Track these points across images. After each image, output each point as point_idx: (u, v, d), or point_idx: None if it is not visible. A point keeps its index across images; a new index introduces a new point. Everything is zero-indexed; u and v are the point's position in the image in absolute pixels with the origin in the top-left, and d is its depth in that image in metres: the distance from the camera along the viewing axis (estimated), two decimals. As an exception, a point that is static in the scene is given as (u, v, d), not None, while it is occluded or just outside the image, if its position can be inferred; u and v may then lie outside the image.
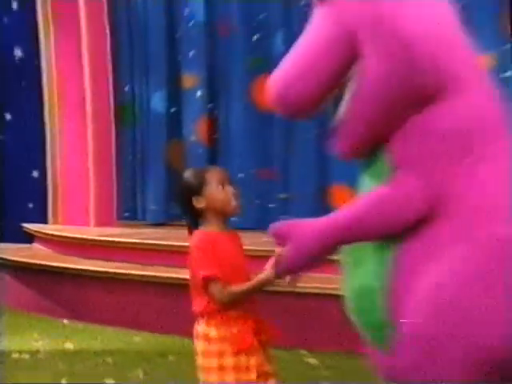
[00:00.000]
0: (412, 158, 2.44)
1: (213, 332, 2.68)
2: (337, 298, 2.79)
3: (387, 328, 2.46)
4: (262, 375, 2.69)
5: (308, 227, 2.52)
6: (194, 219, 2.77)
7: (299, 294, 4.98)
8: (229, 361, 2.65)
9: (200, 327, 2.73)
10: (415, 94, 2.40)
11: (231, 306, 2.68)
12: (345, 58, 2.44)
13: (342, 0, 2.46)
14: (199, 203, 2.71)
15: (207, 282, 2.65)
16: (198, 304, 2.73)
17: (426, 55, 2.37)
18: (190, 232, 2.79)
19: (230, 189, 2.74)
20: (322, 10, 2.49)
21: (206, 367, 2.70)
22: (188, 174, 2.80)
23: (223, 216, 2.76)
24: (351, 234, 2.48)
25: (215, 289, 2.64)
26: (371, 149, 2.54)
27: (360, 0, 2.44)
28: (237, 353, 2.64)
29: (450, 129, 2.43)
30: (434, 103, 2.42)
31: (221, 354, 2.65)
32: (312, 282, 4.94)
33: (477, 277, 2.34)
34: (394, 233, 2.44)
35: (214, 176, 2.74)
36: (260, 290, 2.68)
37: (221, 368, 2.65)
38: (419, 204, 2.42)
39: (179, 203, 2.87)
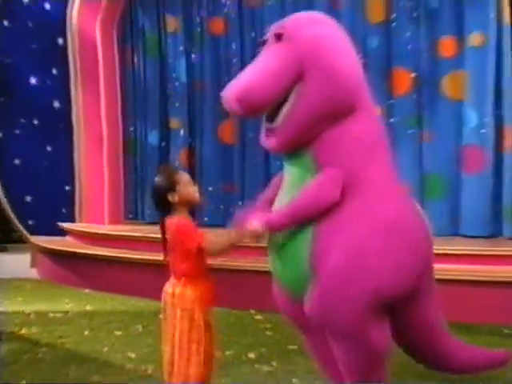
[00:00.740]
0: (331, 158, 2.49)
1: (188, 292, 2.61)
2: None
3: (309, 281, 2.49)
4: (207, 325, 2.64)
5: (273, 214, 2.55)
6: (167, 211, 2.64)
7: (249, 271, 5.12)
8: (198, 315, 2.60)
9: (177, 289, 2.63)
10: (337, 109, 2.47)
11: (219, 255, 2.62)
12: (292, 78, 2.45)
13: (295, 39, 2.48)
14: (173, 198, 2.59)
15: (202, 246, 2.54)
16: (183, 268, 2.62)
17: (346, 84, 2.47)
18: (162, 222, 2.66)
19: (194, 186, 2.68)
20: (279, 43, 2.50)
21: (180, 317, 2.61)
22: (161, 177, 2.66)
23: (190, 207, 2.66)
24: (301, 216, 2.47)
25: (210, 246, 2.56)
26: (298, 147, 2.54)
27: (307, 41, 2.48)
28: (202, 309, 2.61)
29: (356, 136, 2.52)
30: (346, 118, 2.49)
31: (192, 310, 2.60)
32: (259, 263, 5.14)
33: (370, 239, 2.43)
34: (326, 210, 2.47)
35: (182, 177, 2.65)
36: (234, 244, 2.56)
37: (192, 319, 2.60)
38: (338, 191, 2.45)
39: (155, 200, 2.68)
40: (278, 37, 2.51)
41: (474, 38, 5.74)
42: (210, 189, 6.77)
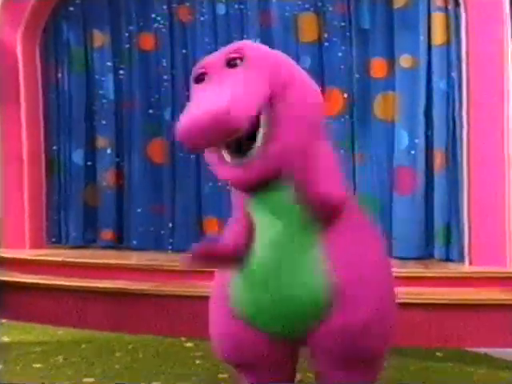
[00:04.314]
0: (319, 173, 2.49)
1: None
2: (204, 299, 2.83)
3: (322, 304, 2.48)
4: None
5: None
6: None
7: (180, 296, 5.10)
8: None
9: None
10: (313, 123, 2.54)
11: None
12: (265, 99, 2.39)
13: (260, 62, 2.45)
14: None
15: None
16: None
17: (316, 100, 2.60)
18: None
19: None
20: (239, 67, 2.43)
21: None
22: None
23: None
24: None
25: None
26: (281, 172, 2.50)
27: (273, 64, 2.48)
28: None
29: (330, 152, 2.60)
30: (319, 134, 2.57)
31: None
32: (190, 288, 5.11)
33: (383, 264, 2.66)
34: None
35: None
36: None
37: None
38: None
39: None
40: (233, 62, 2.44)
41: (405, 60, 5.94)
42: (139, 210, 6.71)
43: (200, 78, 2.51)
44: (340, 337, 2.49)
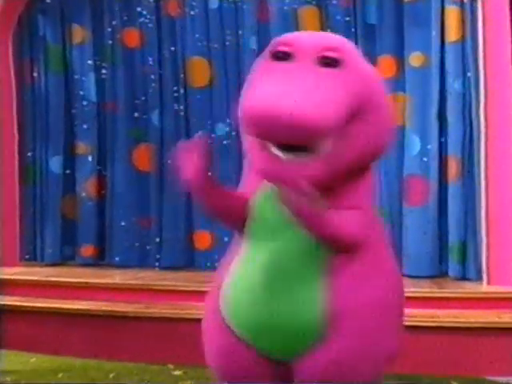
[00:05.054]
0: (358, 205, 2.54)
1: None
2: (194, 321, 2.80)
3: (313, 336, 2.53)
4: None
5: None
6: None
7: (167, 318, 5.07)
8: None
9: None
10: (374, 158, 2.60)
11: None
12: (350, 113, 2.38)
13: (353, 72, 2.41)
14: None
15: None
16: None
17: (388, 134, 2.61)
18: None
19: None
20: (333, 69, 2.38)
21: None
22: None
23: None
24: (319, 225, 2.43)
25: None
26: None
27: (366, 79, 2.46)
28: None
29: (369, 187, 2.66)
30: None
31: None
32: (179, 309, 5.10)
33: (389, 300, 2.62)
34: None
35: None
36: None
37: None
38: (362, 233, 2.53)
39: None
40: (331, 62, 2.40)
41: (415, 58, 5.97)
42: (123, 224, 6.70)
43: (282, 57, 2.44)
44: (325, 369, 2.57)
